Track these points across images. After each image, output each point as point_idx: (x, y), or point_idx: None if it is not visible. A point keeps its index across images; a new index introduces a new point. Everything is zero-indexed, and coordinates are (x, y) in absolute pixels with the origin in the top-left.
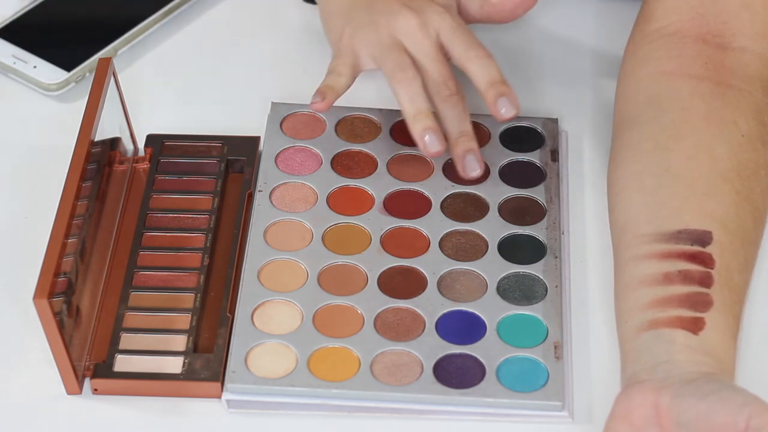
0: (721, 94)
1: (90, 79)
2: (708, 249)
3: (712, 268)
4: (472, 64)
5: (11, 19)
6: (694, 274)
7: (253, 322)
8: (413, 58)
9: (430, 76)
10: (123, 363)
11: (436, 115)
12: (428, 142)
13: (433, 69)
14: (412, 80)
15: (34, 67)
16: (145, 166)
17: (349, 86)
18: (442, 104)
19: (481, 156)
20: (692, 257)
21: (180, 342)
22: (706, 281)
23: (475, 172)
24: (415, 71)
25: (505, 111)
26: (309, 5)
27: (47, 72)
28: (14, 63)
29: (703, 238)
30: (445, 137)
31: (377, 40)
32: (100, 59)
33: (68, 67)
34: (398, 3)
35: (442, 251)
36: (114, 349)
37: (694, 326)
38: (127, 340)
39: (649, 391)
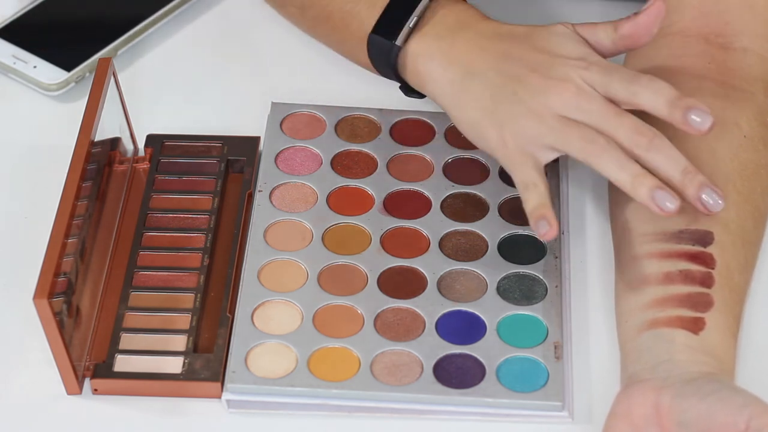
0: (724, 95)
1: (90, 79)
2: (709, 249)
3: (713, 269)
4: (641, 98)
5: (11, 19)
6: (695, 274)
7: (253, 322)
8: (589, 126)
9: (619, 134)
10: (123, 363)
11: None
12: (661, 202)
13: (617, 125)
14: (607, 147)
15: (34, 67)
16: (145, 166)
17: (548, 188)
18: (648, 153)
19: (715, 185)
20: (693, 257)
21: (180, 342)
22: (707, 281)
23: (719, 206)
24: (604, 137)
25: (700, 122)
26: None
27: (47, 72)
28: (14, 63)
29: (704, 238)
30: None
31: (544, 129)
32: (100, 59)
33: (68, 67)
34: (539, 78)
35: (442, 251)
36: (114, 349)
37: (695, 326)
38: (127, 340)
39: (650, 390)
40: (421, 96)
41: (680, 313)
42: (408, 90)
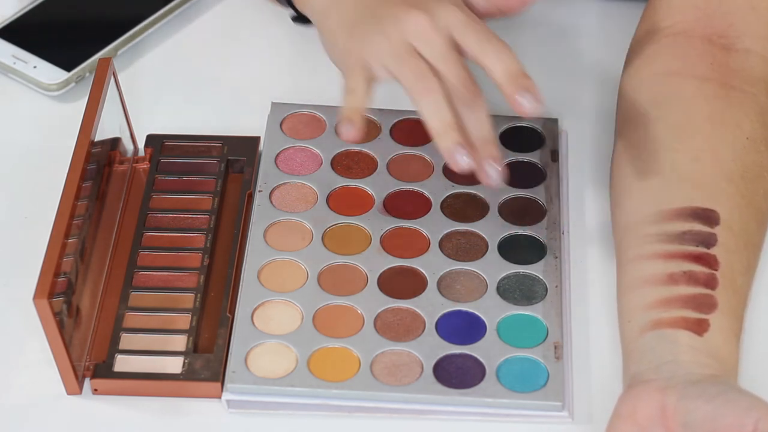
0: (726, 96)
1: (90, 79)
2: (712, 251)
3: (716, 270)
4: (487, 57)
5: (11, 19)
6: (699, 276)
7: (253, 322)
8: (428, 61)
9: (448, 80)
10: (123, 363)
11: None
12: (458, 159)
13: (450, 71)
14: (433, 90)
15: (34, 67)
16: (145, 166)
17: (369, 100)
18: (464, 109)
19: (502, 164)
20: (697, 258)
21: (180, 342)
22: (711, 283)
23: (495, 181)
24: (436, 79)
25: (528, 105)
26: (299, 26)
27: (47, 72)
28: (14, 63)
29: (707, 239)
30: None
31: (388, 49)
32: (100, 59)
33: (68, 67)
34: (404, 5)
35: (442, 251)
36: (114, 349)
37: (699, 328)
38: (127, 340)
39: (655, 391)
40: (307, 22)
41: (684, 314)
42: (297, 18)
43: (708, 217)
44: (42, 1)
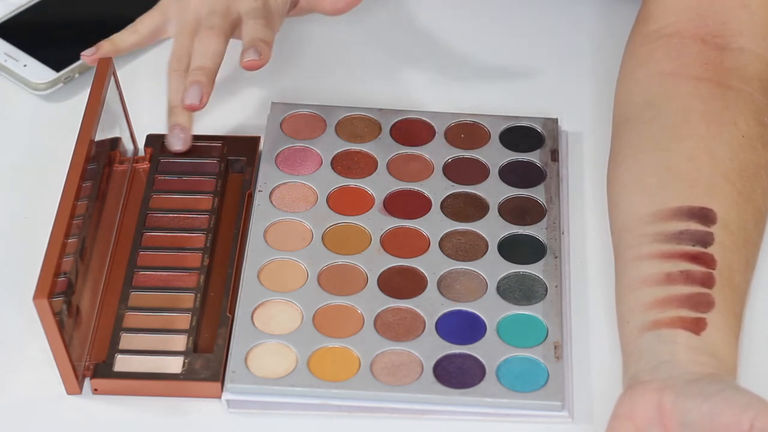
0: (721, 95)
1: (79, 80)
2: (709, 249)
3: (713, 269)
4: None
5: (6, 17)
6: (695, 275)
7: (253, 322)
8: (198, 30)
9: (196, 52)
10: (123, 363)
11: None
12: (173, 139)
13: (200, 44)
14: (177, 72)
15: (24, 65)
16: (145, 166)
17: (139, 46)
18: (187, 79)
19: (207, 90)
20: (694, 258)
21: (180, 342)
22: (707, 282)
23: (194, 101)
24: (187, 64)
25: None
26: None
27: (36, 71)
28: (5, 60)
29: (704, 238)
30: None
31: (177, 11)
32: (100, 59)
33: (58, 68)
34: None
35: (442, 251)
36: (114, 349)
37: (696, 327)
38: (127, 340)
39: (652, 392)
40: None
41: (681, 313)
42: None
43: (705, 215)
44: (40, 0)
